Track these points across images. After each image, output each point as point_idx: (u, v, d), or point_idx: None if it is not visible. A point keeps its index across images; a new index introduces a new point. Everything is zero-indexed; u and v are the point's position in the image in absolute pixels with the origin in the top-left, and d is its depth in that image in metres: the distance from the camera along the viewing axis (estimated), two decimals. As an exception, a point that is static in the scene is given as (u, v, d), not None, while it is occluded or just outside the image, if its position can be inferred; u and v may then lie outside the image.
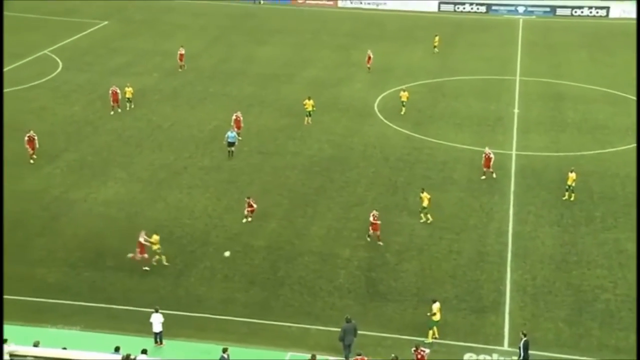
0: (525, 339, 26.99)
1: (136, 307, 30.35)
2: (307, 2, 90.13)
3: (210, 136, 48.44)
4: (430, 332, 28.74)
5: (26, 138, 42.93)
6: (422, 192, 37.68)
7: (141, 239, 32.78)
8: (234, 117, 47.49)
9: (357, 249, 35.27)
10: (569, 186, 39.56)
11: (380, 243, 35.43)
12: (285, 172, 43.29)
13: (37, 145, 43.31)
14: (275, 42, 72.72)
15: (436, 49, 68.92)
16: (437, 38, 69.85)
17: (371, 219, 35.57)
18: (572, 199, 39.35)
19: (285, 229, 37.09)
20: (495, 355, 28.11)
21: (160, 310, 28.21)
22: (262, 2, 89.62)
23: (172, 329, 28.59)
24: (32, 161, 43.01)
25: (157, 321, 27.97)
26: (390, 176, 42.88)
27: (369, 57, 62.60)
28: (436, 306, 28.78)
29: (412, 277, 33.14)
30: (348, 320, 27.51)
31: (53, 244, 35.14)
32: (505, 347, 28.56)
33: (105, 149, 45.86)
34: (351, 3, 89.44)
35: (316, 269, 33.49)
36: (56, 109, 52.48)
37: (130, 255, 32.89)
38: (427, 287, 32.38)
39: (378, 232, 35.52)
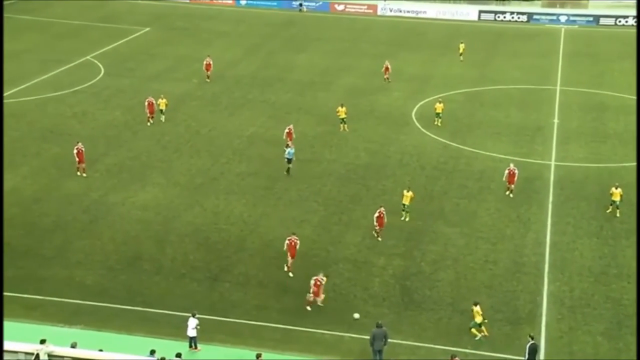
0: (532, 342, 26.79)
1: (171, 311, 30.59)
2: (347, 9, 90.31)
3: (248, 142, 48.74)
4: (473, 330, 28.81)
5: (75, 150, 42.64)
6: (407, 191, 37.97)
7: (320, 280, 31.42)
8: (286, 130, 47.01)
9: (392, 257, 35.14)
10: (614, 201, 38.74)
11: (380, 239, 35.97)
12: (322, 179, 43.34)
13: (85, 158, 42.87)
14: (313, 49, 72.98)
15: (461, 57, 68.33)
16: (462, 46, 69.13)
17: (377, 214, 35.92)
18: (617, 215, 38.46)
19: (320, 236, 37.12)
20: (530, 368, 27.73)
21: (196, 315, 28.40)
22: (305, 9, 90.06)
23: (207, 333, 28.77)
24: (84, 174, 42.52)
25: (190, 326, 28.13)
26: (426, 185, 42.67)
27: (387, 68, 62.22)
28: (476, 309, 28.85)
29: (447, 286, 32.90)
30: (378, 326, 27.45)
31: (91, 247, 35.62)
32: (542, 358, 28.14)
33: (144, 154, 46.42)
34: (390, 12, 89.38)
35: (350, 276, 33.43)
36: (97, 114, 53.29)
37: (309, 297, 31.29)
38: (462, 296, 32.10)
39: (382, 228, 36.01)
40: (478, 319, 28.87)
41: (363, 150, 47.48)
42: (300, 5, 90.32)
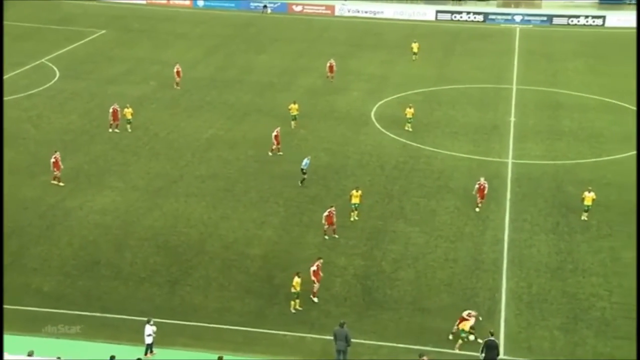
0: (490, 338, 27.16)
1: (131, 315, 30.29)
2: (305, 10, 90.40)
3: (207, 144, 48.51)
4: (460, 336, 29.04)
5: (52, 159, 41.52)
6: (357, 190, 38.18)
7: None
8: (274, 133, 46.40)
9: (352, 257, 35.28)
10: (588, 207, 38.55)
11: (327, 237, 36.21)
12: (282, 180, 43.32)
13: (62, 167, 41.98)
14: (272, 50, 72.93)
15: (416, 57, 68.73)
16: (415, 45, 69.31)
17: (326, 213, 36.08)
18: (586, 218, 38.56)
19: (281, 237, 37.10)
20: (490, 363, 28.07)
21: (154, 320, 28.13)
22: (269, 11, 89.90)
23: (168, 337, 28.60)
24: (61, 183, 41.52)
25: (146, 332, 27.82)
26: (386, 184, 42.92)
27: (331, 66, 62.34)
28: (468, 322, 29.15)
29: (407, 285, 33.13)
30: (340, 325, 27.53)
31: (48, 253, 35.10)
32: (501, 355, 28.46)
33: (102, 158, 45.89)
34: (348, 12, 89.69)
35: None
36: (52, 118, 52.53)
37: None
38: (422, 295, 32.39)
39: (334, 226, 36.21)
40: (466, 328, 29.01)
41: (323, 150, 47.59)
42: (265, 6, 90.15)
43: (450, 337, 29.28)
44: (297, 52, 72.47)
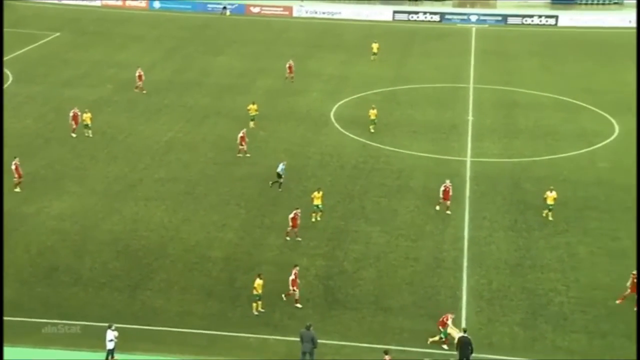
0: (463, 334, 27.53)
1: (92, 322, 29.88)
2: (263, 12, 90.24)
3: (166, 147, 48.15)
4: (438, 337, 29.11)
5: (13, 166, 40.80)
6: (318, 192, 38.27)
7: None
8: (240, 134, 46.41)
9: (314, 257, 35.33)
10: (549, 205, 38.88)
11: (288, 238, 36.25)
12: (242, 182, 43.20)
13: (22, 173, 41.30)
14: (231, 52, 72.66)
15: (375, 57, 69.19)
16: (375, 45, 69.72)
17: (292, 215, 36.04)
18: (550, 218, 38.86)
19: (243, 239, 36.99)
20: (452, 360, 28.42)
21: (115, 326, 27.80)
22: (228, 13, 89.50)
23: (129, 342, 28.29)
24: (17, 189, 40.78)
25: (108, 338, 27.47)
26: (346, 184, 43.08)
27: (290, 67, 62.45)
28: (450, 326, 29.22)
29: (369, 284, 33.30)
30: (307, 327, 27.57)
31: (4, 260, 34.41)
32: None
33: (58, 162, 45.23)
34: (306, 13, 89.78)
35: (274, 279, 33.29)
36: (7, 123, 51.42)
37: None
38: (384, 294, 32.58)
39: (296, 229, 36.15)
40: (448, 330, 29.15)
41: (283, 151, 47.54)
42: (224, 8, 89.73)
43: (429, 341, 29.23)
44: (255, 53, 72.29)
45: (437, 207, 39.79)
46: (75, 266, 34.09)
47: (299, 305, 31.43)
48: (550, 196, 38.89)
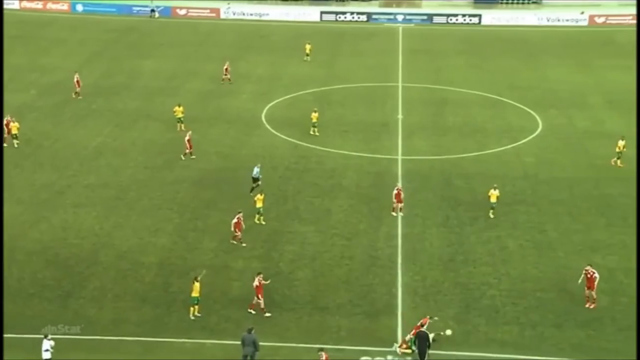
0: (421, 330, 27.99)
1: (22, 334, 29.04)
2: (189, 14, 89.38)
3: (95, 153, 47.23)
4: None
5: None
6: (260, 194, 38.35)
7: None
8: (186, 137, 46.02)
9: (250, 259, 35.21)
10: (492, 204, 39.22)
11: (235, 243, 36.07)
12: (174, 186, 42.72)
13: None
14: (159, 55, 71.74)
15: (308, 58, 69.50)
16: (308, 46, 70.19)
17: (235, 220, 35.89)
18: (491, 216, 39.35)
19: (176, 244, 36.58)
20: (389, 357, 28.69)
21: (50, 336, 27.15)
22: (157, 15, 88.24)
23: (63, 353, 27.62)
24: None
25: (44, 348, 26.82)
26: (279, 185, 43.09)
27: (227, 69, 62.31)
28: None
29: (305, 285, 33.38)
30: (248, 331, 27.47)
31: None
32: (398, 349, 29.18)
33: (-18, 171, 43.79)
34: (234, 14, 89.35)
35: (209, 282, 33.05)
36: None
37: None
38: (321, 294, 32.70)
39: (240, 233, 36.07)
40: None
41: (215, 154, 47.23)
42: (152, 10, 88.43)
43: (398, 349, 29.13)
44: (184, 56, 71.58)
45: (393, 213, 39.48)
46: (3, 277, 33.04)
47: (268, 314, 30.86)
48: (494, 194, 39.41)
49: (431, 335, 28.45)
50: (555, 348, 29.28)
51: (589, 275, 31.46)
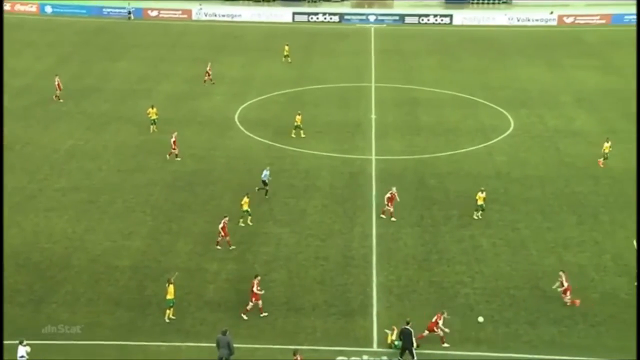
0: (404, 326, 28.13)
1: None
2: (161, 15, 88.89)
3: (67, 156, 46.78)
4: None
5: None
6: (247, 197, 38.31)
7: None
8: (172, 139, 45.87)
9: (225, 262, 35.11)
10: (480, 206, 39.35)
11: (219, 247, 35.95)
12: (148, 188, 42.46)
13: None
14: (130, 57, 71.25)
15: (288, 59, 69.60)
16: (287, 47, 70.39)
17: (221, 224, 35.79)
18: (475, 217, 39.34)
19: (150, 247, 36.37)
20: (365, 357, 28.78)
21: (25, 342, 26.84)
22: (132, 17, 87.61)
23: (36, 359, 27.30)
24: None
25: (19, 354, 26.50)
26: (254, 187, 42.89)
27: (208, 71, 62.37)
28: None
29: (280, 286, 33.35)
30: (223, 333, 27.39)
31: None
32: (375, 348, 29.30)
33: (-49, 175, 43.19)
34: (206, 16, 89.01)
35: (184, 285, 32.95)
36: None
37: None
38: (296, 295, 32.70)
39: (227, 238, 35.90)
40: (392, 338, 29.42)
41: (189, 156, 46.98)
42: (129, 12, 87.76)
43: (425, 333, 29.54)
44: (156, 58, 71.17)
45: (383, 215, 39.37)
46: (-26, 283, 32.67)
47: (264, 314, 30.96)
48: (481, 197, 39.41)
49: (441, 329, 29.03)
50: (528, 345, 29.58)
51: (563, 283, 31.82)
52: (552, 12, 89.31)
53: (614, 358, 28.88)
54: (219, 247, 36.05)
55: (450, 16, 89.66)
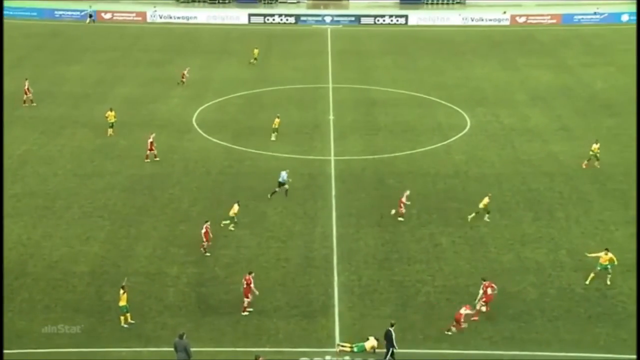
0: (388, 328, 28.24)
1: (-51, 350, 28.12)
2: (115, 18, 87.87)
3: (20, 161, 45.96)
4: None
5: None
6: (237, 204, 38.23)
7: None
8: (149, 140, 45.74)
9: (185, 265, 34.86)
10: (480, 209, 39.23)
11: (207, 254, 35.69)
12: (105, 193, 41.94)
13: None
14: (85, 60, 70.32)
15: (255, 61, 69.58)
16: (256, 51, 70.52)
17: (203, 230, 35.61)
18: (468, 219, 39.17)
19: (109, 252, 35.92)
20: (328, 357, 28.83)
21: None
22: (94, 21, 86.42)
23: (-8, 369, 26.84)
24: None
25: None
26: (213, 189, 42.79)
27: (183, 74, 62.45)
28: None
29: (242, 288, 33.16)
30: (180, 336, 27.21)
31: None
32: (337, 348, 29.33)
33: None
34: (160, 18, 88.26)
35: (144, 289, 32.67)
36: None
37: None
38: (257, 297, 32.50)
39: (209, 243, 35.74)
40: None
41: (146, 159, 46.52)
42: (90, 16, 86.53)
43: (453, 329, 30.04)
44: (111, 61, 70.35)
45: (401, 219, 39.24)
46: None
47: (246, 313, 31.09)
48: (484, 201, 39.28)
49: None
50: (488, 341, 29.94)
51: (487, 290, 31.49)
52: (505, 12, 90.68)
53: (570, 352, 29.40)
54: (207, 254, 35.60)
55: (406, 16, 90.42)
